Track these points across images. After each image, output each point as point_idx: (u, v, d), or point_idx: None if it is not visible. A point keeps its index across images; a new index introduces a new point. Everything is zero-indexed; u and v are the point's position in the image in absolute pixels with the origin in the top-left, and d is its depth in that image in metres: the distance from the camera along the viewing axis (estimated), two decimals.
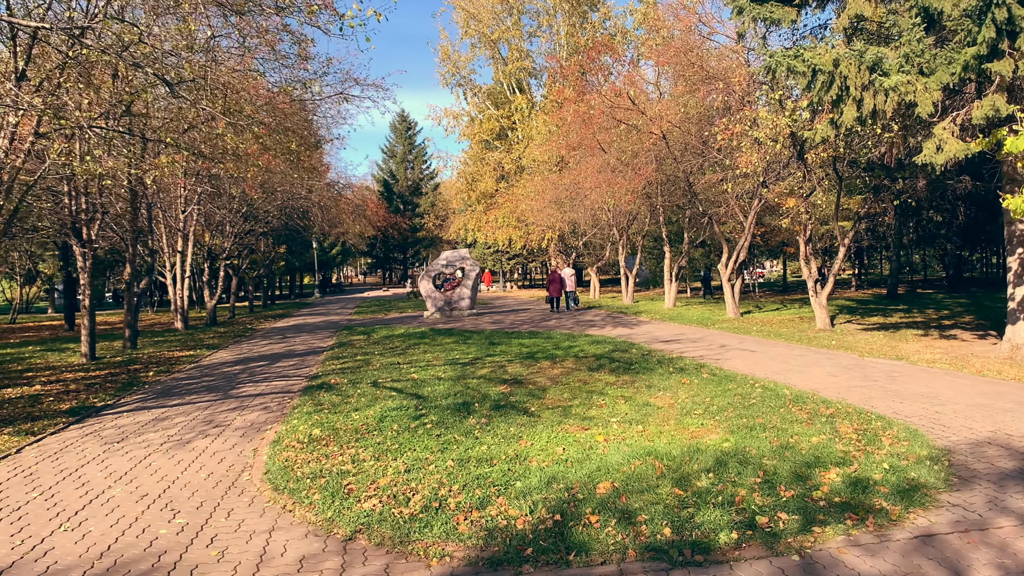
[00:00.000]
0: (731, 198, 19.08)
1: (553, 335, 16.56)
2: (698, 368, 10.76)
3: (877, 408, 7.72)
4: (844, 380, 9.58)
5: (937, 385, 9.05)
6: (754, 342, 14.45)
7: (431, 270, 24.54)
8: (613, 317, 22.41)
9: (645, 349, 13.44)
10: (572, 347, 13.99)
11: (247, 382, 11.38)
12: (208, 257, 24.84)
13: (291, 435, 7.34)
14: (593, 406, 8.29)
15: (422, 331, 18.76)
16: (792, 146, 14.37)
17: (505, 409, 8.20)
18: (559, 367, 11.40)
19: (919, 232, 31.29)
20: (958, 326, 16.86)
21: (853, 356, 12.02)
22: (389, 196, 71.15)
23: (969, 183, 14.24)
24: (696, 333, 16.67)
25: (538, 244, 35.91)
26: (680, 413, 7.76)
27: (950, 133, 9.63)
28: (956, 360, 11.40)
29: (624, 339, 15.41)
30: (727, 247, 20.94)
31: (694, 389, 9.08)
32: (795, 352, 12.71)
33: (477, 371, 11.24)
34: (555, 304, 25.94)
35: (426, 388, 9.70)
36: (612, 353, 12.88)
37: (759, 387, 9.02)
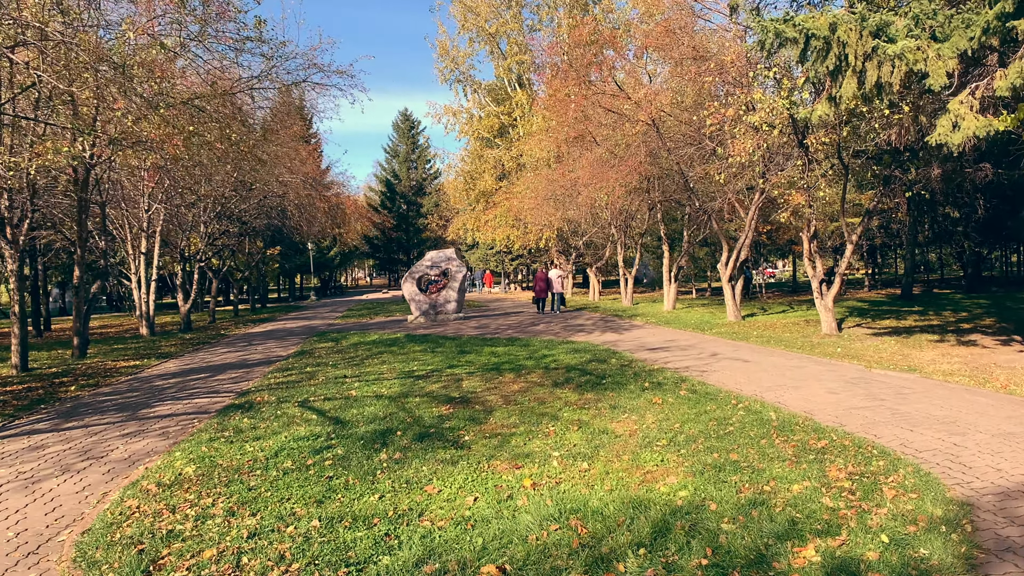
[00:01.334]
0: (729, 192, 17.61)
1: (532, 342, 15.18)
2: (678, 383, 9.34)
3: (881, 438, 6.28)
4: (845, 398, 8.13)
5: (955, 405, 7.58)
6: (750, 350, 12.99)
7: (415, 272, 23.23)
8: (606, 320, 20.99)
9: (626, 359, 12.04)
10: (546, 356, 12.61)
11: (169, 399, 10.09)
12: (181, 259, 23.63)
13: (158, 474, 6.03)
14: (539, 434, 6.91)
15: (396, 337, 17.45)
16: (793, 132, 12.89)
17: (431, 439, 6.83)
18: (521, 381, 10.03)
19: (935, 229, 29.60)
20: (978, 330, 15.30)
21: (858, 367, 10.54)
22: (392, 196, 70.03)
23: (990, 171, 12.70)
24: (689, 339, 15.22)
25: (536, 243, 34.50)
26: (639, 444, 6.37)
27: (968, 108, 8.15)
28: (977, 372, 9.90)
29: (608, 346, 14.01)
30: (727, 245, 19.45)
31: (666, 411, 7.67)
32: (793, 362, 11.25)
33: (427, 387, 9.89)
34: (541, 305, 24.87)
35: (354, 410, 8.35)
36: (587, 364, 11.49)
37: (742, 409, 7.59)
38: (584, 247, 35.32)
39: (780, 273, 63.95)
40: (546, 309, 25.45)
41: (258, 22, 13.64)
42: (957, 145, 8.35)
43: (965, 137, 8.02)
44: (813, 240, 15.90)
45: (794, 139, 13.02)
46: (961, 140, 8.13)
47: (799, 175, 13.68)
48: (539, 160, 30.76)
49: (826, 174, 16.03)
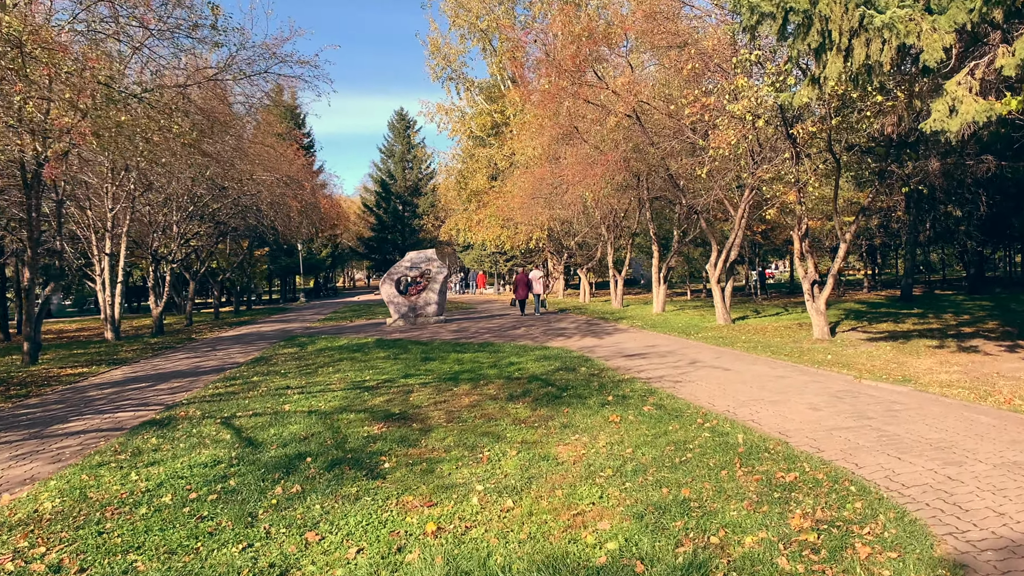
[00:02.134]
0: (716, 188, 16.67)
1: (504, 348, 14.27)
2: (644, 397, 8.42)
3: (863, 469, 5.36)
4: (827, 416, 7.19)
5: (952, 426, 6.65)
6: (733, 357, 12.06)
7: (393, 273, 22.33)
8: (590, 324, 20.07)
9: (598, 367, 11.12)
10: (513, 365, 11.70)
11: (91, 413, 9.20)
12: (153, 260, 22.77)
13: (10, 510, 5.14)
14: (472, 460, 6.01)
15: (365, 342, 16.55)
16: (782, 122, 11.96)
17: (345, 467, 5.93)
18: (476, 394, 9.12)
19: (936, 228, 28.60)
20: (980, 335, 14.35)
21: (847, 378, 9.60)
22: (387, 196, 69.16)
23: (993, 164, 11.73)
24: (671, 344, 14.30)
25: (525, 244, 33.58)
26: (581, 475, 5.45)
27: (966, 90, 7.21)
28: (978, 383, 8.96)
29: (583, 353, 13.09)
30: (716, 245, 18.52)
31: (622, 432, 6.75)
32: (777, 371, 10.31)
33: (371, 400, 8.99)
34: (523, 308, 24.48)
35: (275, 429, 7.45)
36: (554, 374, 10.58)
37: (708, 429, 6.67)
38: (576, 247, 34.41)
39: (780, 274, 62.92)
40: (528, 311, 24.82)
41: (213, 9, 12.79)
42: (955, 133, 7.42)
43: (964, 123, 7.09)
44: (805, 239, 14.97)
45: (782, 130, 12.07)
46: (959, 126, 7.20)
47: (787, 169, 12.73)
48: (530, 159, 29.84)
49: (817, 169, 15.11)
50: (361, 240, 70.75)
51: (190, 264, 26.61)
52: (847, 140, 13.13)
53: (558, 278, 42.99)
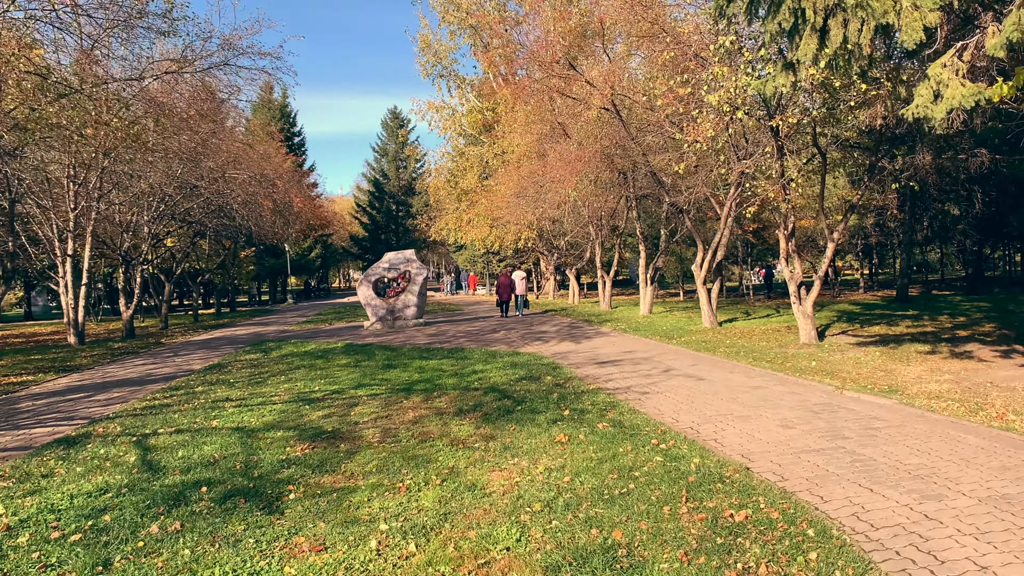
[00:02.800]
0: (699, 185, 15.94)
1: (473, 354, 13.54)
2: (603, 412, 7.70)
3: (828, 504, 4.64)
4: (799, 436, 6.47)
5: (936, 448, 5.92)
6: (710, 364, 11.33)
7: (370, 274, 21.61)
8: (572, 327, 19.35)
9: (564, 376, 10.40)
10: (476, 373, 10.99)
11: (6, 428, 8.48)
12: (124, 262, 22.06)
13: None
14: (389, 490, 5.30)
15: (333, 348, 15.85)
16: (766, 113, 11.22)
17: (240, 498, 5.22)
18: (424, 407, 8.41)
19: (933, 227, 27.92)
20: (975, 338, 13.63)
21: (827, 389, 8.86)
22: (380, 196, 68.57)
23: (987, 158, 10.96)
24: (650, 350, 13.57)
25: (514, 244, 32.85)
26: (505, 510, 4.74)
27: (952, 72, 6.48)
28: (969, 394, 8.23)
29: (554, 360, 12.38)
30: (702, 245, 17.80)
31: (567, 454, 6.03)
32: (754, 381, 9.58)
33: (308, 415, 8.27)
34: (505, 309, 24.16)
35: (185, 451, 6.73)
36: (515, 383, 9.86)
37: (661, 452, 5.95)
38: (566, 247, 33.70)
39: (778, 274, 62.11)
40: (510, 313, 24.23)
41: None
42: (941, 120, 6.69)
43: (950, 108, 6.36)
44: (791, 239, 14.24)
45: (763, 122, 11.33)
46: (945, 113, 6.47)
47: (770, 165, 12.00)
48: (518, 156, 29.13)
49: (804, 165, 14.40)
50: (354, 240, 70.09)
51: (168, 266, 25.90)
52: (833, 134, 12.40)
53: (549, 279, 42.32)
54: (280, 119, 54.31)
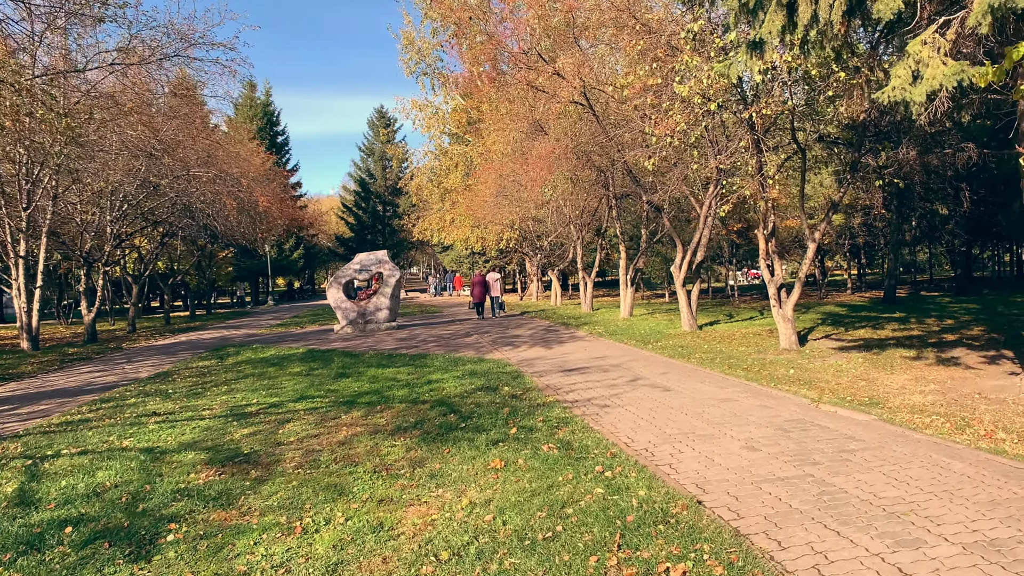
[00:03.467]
0: (677, 182, 15.24)
1: (436, 361, 12.81)
2: (554, 430, 6.98)
3: (786, 551, 3.93)
4: (763, 460, 5.76)
5: (916, 475, 5.23)
6: (682, 372, 10.63)
7: (340, 276, 20.83)
8: (548, 330, 18.64)
9: (524, 387, 9.68)
10: (432, 383, 10.26)
11: None
12: (85, 263, 21.21)
13: None
14: (283, 530, 4.57)
15: (291, 353, 15.09)
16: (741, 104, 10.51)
17: (104, 542, 4.46)
18: (361, 424, 7.67)
19: (921, 227, 27.37)
20: (963, 343, 12.99)
21: (802, 402, 8.16)
22: (366, 196, 67.70)
23: (975, 152, 10.27)
24: (622, 356, 12.87)
25: (495, 244, 32.14)
26: (408, 559, 4.03)
27: (933, 50, 5.78)
28: (955, 408, 7.56)
29: (519, 367, 11.66)
30: (681, 246, 17.10)
31: (500, 483, 5.31)
32: (726, 392, 8.88)
33: (233, 433, 7.52)
34: (480, 311, 23.76)
35: (72, 479, 5.98)
36: (469, 396, 9.14)
37: (605, 482, 5.23)
38: (549, 248, 33.01)
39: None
40: (486, 315, 23.62)
41: None
42: (921, 104, 5.99)
43: (931, 90, 5.66)
44: (771, 239, 13.56)
45: (736, 114, 10.62)
46: (925, 96, 5.78)
47: (744, 160, 11.30)
48: (500, 154, 28.41)
49: (786, 162, 13.73)
50: (340, 240, 69.17)
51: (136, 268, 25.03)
52: (813, 129, 11.72)
53: (534, 280, 41.60)
54: (262, 117, 53.42)
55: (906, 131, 10.49)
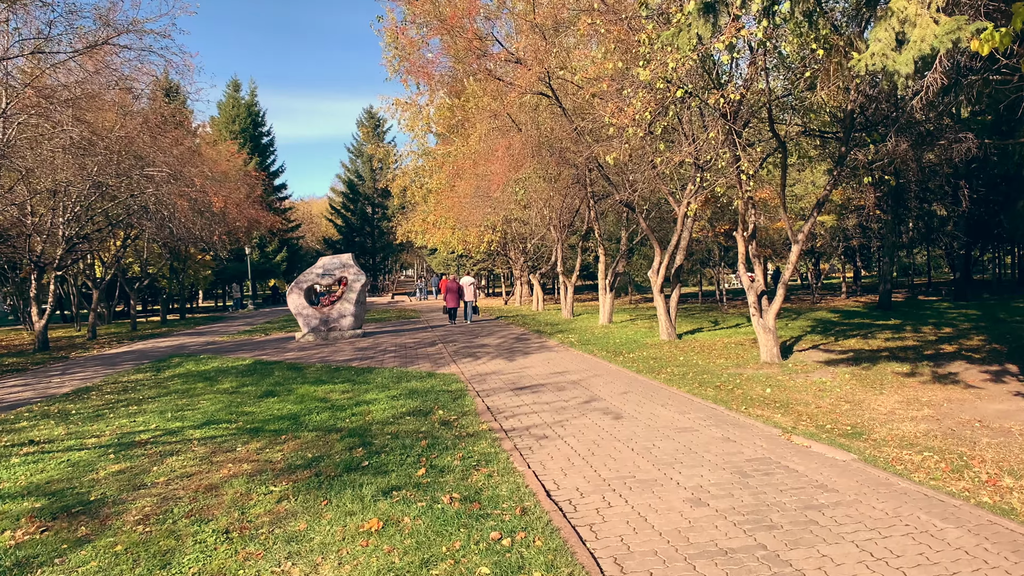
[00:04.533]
0: (655, 179, 14.08)
1: (378, 377, 11.66)
2: (471, 469, 5.83)
3: None
4: (709, 519, 4.59)
5: (899, 548, 4.06)
6: (643, 392, 9.45)
7: (302, 281, 19.63)
8: (519, 339, 17.48)
9: (462, 409, 8.52)
10: (362, 404, 9.10)
11: None
12: (35, 267, 20.02)
13: None
14: None
15: (237, 364, 13.96)
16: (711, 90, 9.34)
17: None
18: (252, 460, 6.51)
19: (918, 228, 26.23)
20: (962, 355, 11.83)
21: (772, 433, 6.98)
22: (355, 198, 66.57)
23: (974, 143, 9.11)
24: (587, 370, 11.70)
25: (477, 247, 31.00)
26: None
27: (922, 5, 4.62)
28: (952, 442, 6.39)
29: (469, 384, 10.52)
30: (659, 248, 15.94)
31: (366, 555, 4.14)
32: (686, 418, 7.70)
33: (102, 470, 6.38)
34: (453, 316, 23.14)
35: None
36: (395, 421, 7.98)
37: (498, 554, 4.07)
38: (533, 251, 31.88)
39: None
40: (459, 320, 23.54)
41: None
42: (906, 75, 4.84)
43: (919, 54, 4.51)
44: (751, 241, 12.41)
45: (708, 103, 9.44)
46: (911, 63, 4.62)
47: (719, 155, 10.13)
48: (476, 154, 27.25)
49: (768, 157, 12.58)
50: (327, 243, 68.01)
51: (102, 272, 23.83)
52: (795, 120, 10.56)
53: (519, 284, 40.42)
54: (246, 117, 52.24)
55: (895, 121, 9.31)
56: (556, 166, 17.96)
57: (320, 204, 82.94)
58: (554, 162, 17.44)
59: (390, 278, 77.86)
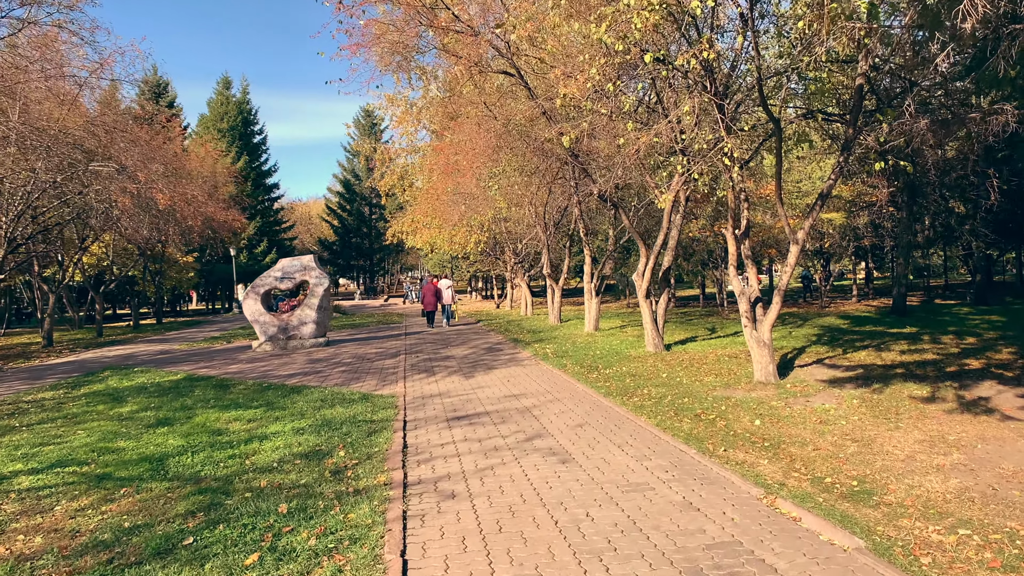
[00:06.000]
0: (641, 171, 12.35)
1: (303, 399, 10.00)
2: (320, 557, 4.14)
3: None
4: None
5: None
6: (602, 426, 7.72)
7: (259, 285, 18.00)
8: (491, 349, 15.80)
9: (367, 451, 6.86)
10: (255, 441, 7.45)
11: None
12: None
13: None
14: None
15: (164, 380, 12.39)
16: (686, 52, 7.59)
17: None
18: (59, 527, 4.90)
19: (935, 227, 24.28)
20: (990, 372, 10.06)
21: (751, 495, 5.24)
22: (351, 198, 65.12)
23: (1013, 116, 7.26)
24: (546, 392, 10.00)
25: (463, 248, 29.36)
26: None
27: None
28: (995, 513, 4.66)
29: (402, 411, 8.85)
30: (644, 248, 14.20)
31: None
32: (644, 468, 5.98)
33: None
34: (431, 320, 22.26)
35: None
36: (277, 468, 6.34)
37: None
38: (525, 252, 30.17)
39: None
40: (437, 323, 22.91)
41: None
42: None
43: None
44: (744, 240, 10.67)
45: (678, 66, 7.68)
46: None
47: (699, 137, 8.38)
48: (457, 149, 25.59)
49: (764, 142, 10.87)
50: (322, 243, 66.61)
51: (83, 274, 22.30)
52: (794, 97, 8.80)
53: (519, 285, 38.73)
54: (237, 115, 50.77)
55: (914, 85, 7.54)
56: (534, 158, 16.26)
57: (320, 205, 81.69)
58: (531, 153, 15.74)
59: (387, 280, 76.36)
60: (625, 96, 7.97)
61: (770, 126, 10.48)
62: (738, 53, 8.21)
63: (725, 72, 7.90)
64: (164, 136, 22.62)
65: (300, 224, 69.86)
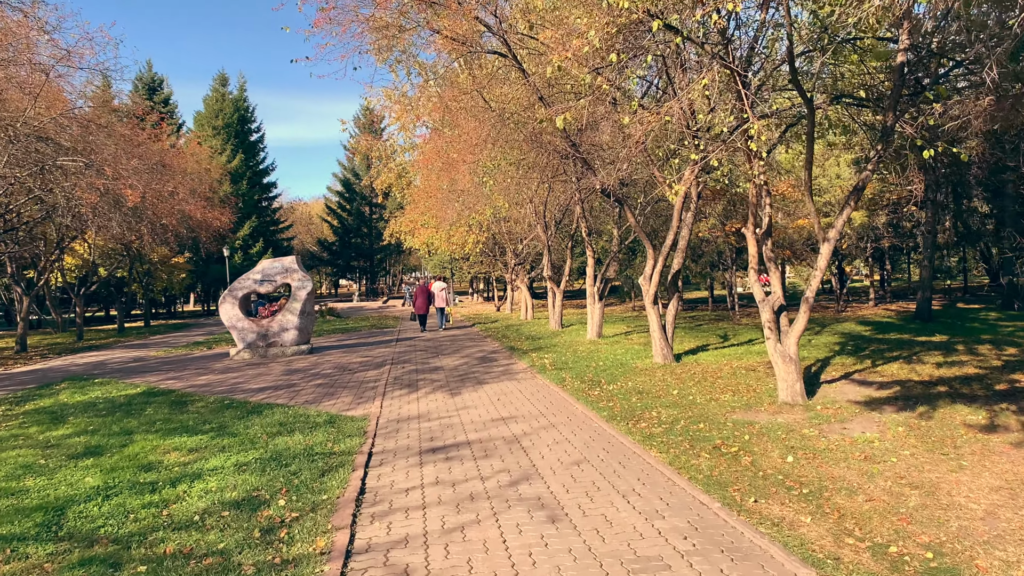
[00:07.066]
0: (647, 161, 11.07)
1: (262, 421, 8.76)
2: None
3: None
4: None
5: None
6: (604, 465, 6.45)
7: (237, 288, 16.77)
8: (483, 360, 14.54)
9: (315, 498, 5.63)
10: (189, 479, 6.24)
11: None
12: None
13: None
14: None
15: (120, 395, 11.17)
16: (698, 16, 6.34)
17: None
18: None
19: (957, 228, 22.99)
20: None
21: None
22: (351, 198, 63.94)
23: None
24: (540, 416, 8.74)
25: (462, 248, 28.15)
26: None
27: None
28: None
29: (369, 439, 7.61)
30: (651, 249, 12.93)
31: None
32: (657, 529, 4.72)
33: None
34: (424, 323, 21.76)
35: None
36: (193, 525, 5.12)
37: None
38: (527, 253, 28.93)
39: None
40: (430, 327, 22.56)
41: None
42: None
43: None
44: (766, 240, 9.39)
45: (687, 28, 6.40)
46: None
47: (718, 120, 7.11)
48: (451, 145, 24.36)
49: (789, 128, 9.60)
50: (322, 244, 65.48)
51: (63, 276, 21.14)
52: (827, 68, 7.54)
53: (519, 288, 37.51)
54: (233, 113, 49.61)
55: (982, 55, 6.30)
56: (531, 151, 15.01)
57: (320, 205, 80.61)
58: (526, 144, 14.49)
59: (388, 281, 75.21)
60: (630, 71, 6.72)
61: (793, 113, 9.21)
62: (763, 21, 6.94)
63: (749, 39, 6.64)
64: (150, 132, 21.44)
65: (300, 224, 68.70)
